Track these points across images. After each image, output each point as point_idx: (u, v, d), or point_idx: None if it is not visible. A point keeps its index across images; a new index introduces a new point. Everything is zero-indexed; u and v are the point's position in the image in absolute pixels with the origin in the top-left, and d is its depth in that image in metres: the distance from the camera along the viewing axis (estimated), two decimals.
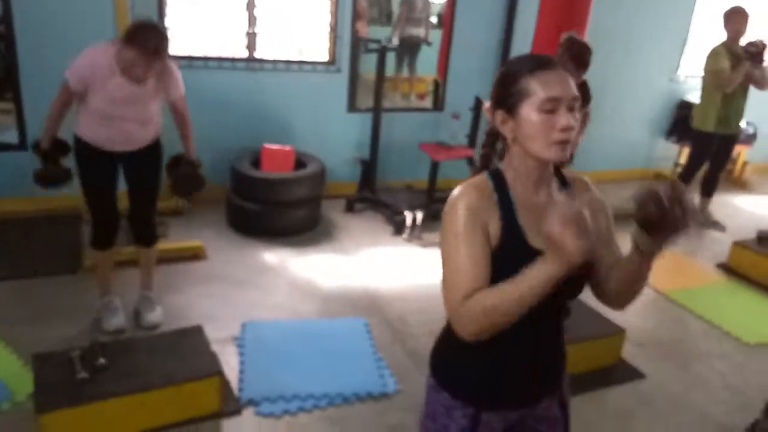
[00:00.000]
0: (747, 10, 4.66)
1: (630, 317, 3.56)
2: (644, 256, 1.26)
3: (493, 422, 1.43)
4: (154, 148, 3.03)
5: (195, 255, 3.93)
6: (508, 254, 1.29)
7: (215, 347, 2.80)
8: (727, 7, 4.73)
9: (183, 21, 4.46)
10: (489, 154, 1.45)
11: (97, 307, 3.15)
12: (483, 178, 1.37)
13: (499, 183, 1.35)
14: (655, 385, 3.10)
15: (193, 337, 2.75)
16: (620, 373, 3.14)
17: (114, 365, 2.43)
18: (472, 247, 1.27)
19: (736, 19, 4.64)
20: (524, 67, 1.31)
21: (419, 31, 6.51)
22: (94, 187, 2.96)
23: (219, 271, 3.80)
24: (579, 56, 3.30)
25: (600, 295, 1.43)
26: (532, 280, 1.18)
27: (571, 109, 1.27)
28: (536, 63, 1.30)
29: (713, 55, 4.70)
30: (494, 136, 1.43)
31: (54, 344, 2.86)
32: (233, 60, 4.61)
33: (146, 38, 2.61)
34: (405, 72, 6.85)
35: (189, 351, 2.64)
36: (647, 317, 3.72)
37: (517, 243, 1.30)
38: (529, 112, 1.28)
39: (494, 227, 1.31)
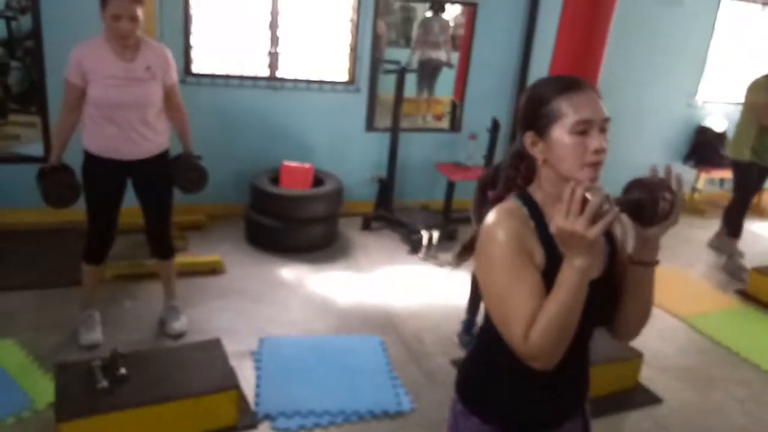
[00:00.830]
0: None
1: (648, 341, 3.53)
2: (641, 261, 1.30)
3: None
4: (163, 160, 3.03)
5: (213, 269, 3.97)
6: (553, 282, 1.23)
7: (232, 361, 2.82)
8: (751, 36, 4.68)
9: (207, 40, 4.56)
10: (515, 176, 1.41)
11: (78, 320, 3.15)
12: (516, 204, 1.33)
13: (534, 209, 1.32)
14: (673, 410, 3.07)
15: (212, 350, 2.77)
16: (637, 397, 3.11)
17: (134, 376, 2.46)
18: (525, 279, 1.24)
19: None
20: (554, 88, 1.29)
21: (439, 54, 6.58)
22: (97, 200, 2.94)
23: (237, 286, 3.83)
24: None
25: (613, 326, 1.44)
26: (567, 286, 1.19)
27: (602, 131, 1.26)
28: (566, 84, 1.28)
29: (753, 87, 4.63)
30: (520, 157, 1.39)
31: (70, 353, 2.92)
32: (255, 78, 4.70)
33: None
34: (425, 94, 6.92)
35: (207, 364, 2.66)
36: (665, 342, 3.69)
37: (558, 270, 1.24)
38: (561, 134, 1.26)
39: (538, 255, 1.28)
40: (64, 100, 2.85)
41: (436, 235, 4.57)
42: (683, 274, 4.68)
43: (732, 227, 4.91)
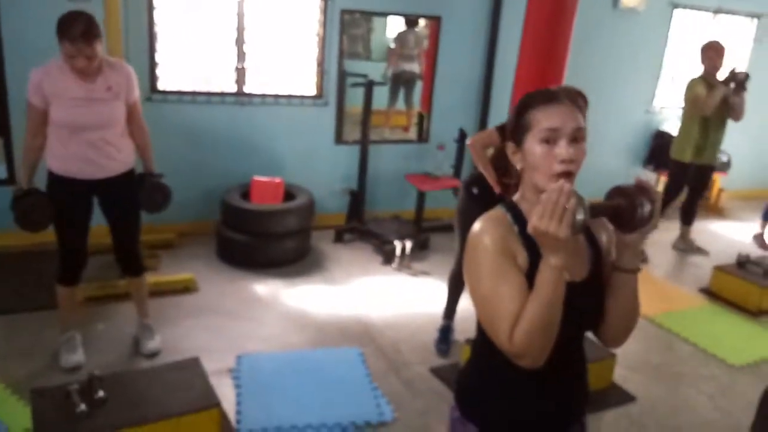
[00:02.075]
0: (722, 44, 4.86)
1: None
2: (622, 267, 1.36)
3: None
4: (130, 178, 3.01)
5: (186, 287, 3.93)
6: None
7: (211, 379, 2.78)
8: (704, 42, 4.92)
9: (173, 56, 4.53)
10: (509, 185, 1.46)
11: (59, 343, 3.10)
12: (500, 211, 1.39)
13: (517, 215, 1.37)
14: (646, 408, 3.16)
15: (190, 369, 2.74)
16: (612, 396, 3.19)
17: (112, 398, 2.42)
18: (509, 280, 1.29)
19: (711, 54, 4.83)
20: (533, 100, 1.34)
21: (413, 66, 6.67)
22: (65, 222, 2.90)
23: (211, 304, 3.80)
24: None
25: (599, 332, 1.48)
26: (545, 284, 1.23)
27: (575, 140, 1.30)
28: (545, 96, 1.33)
29: (690, 86, 4.87)
30: (513, 168, 1.45)
31: (45, 379, 2.86)
32: (222, 94, 4.68)
33: (71, 26, 2.60)
34: (401, 106, 7.01)
35: (186, 383, 2.63)
36: (635, 341, 3.77)
37: None
38: (532, 143, 1.32)
39: (521, 259, 1.32)
40: (28, 123, 2.81)
41: (408, 244, 4.61)
42: (648, 275, 4.81)
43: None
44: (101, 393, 2.40)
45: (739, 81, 4.73)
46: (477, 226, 1.36)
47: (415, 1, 5.12)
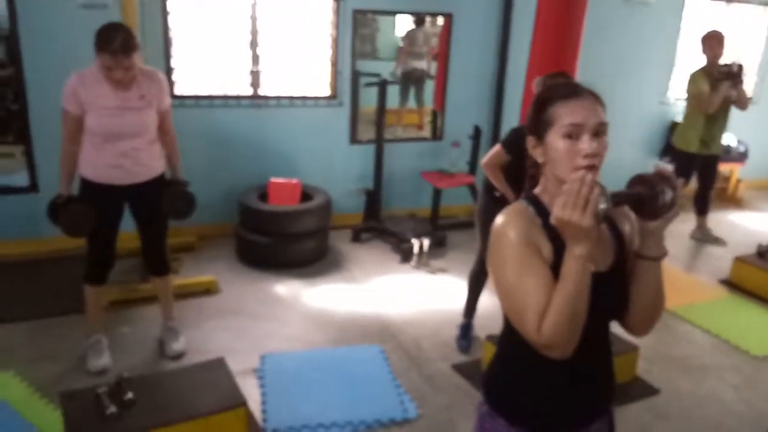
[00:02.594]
0: (723, 33, 4.83)
1: None
2: (645, 255, 1.36)
3: None
4: (159, 183, 3.08)
5: (208, 289, 3.97)
6: None
7: (236, 380, 2.83)
8: (705, 32, 4.89)
9: (188, 61, 4.58)
10: (536, 174, 1.46)
11: (85, 347, 3.15)
12: (522, 204, 1.40)
13: (539, 208, 1.38)
14: (670, 400, 3.15)
15: (216, 369, 2.78)
16: (636, 389, 3.19)
17: (141, 400, 2.46)
18: (535, 272, 1.30)
19: (712, 43, 4.80)
20: (554, 94, 1.35)
21: (422, 64, 6.68)
22: (97, 227, 2.95)
23: (233, 305, 3.84)
24: None
25: (625, 321, 1.48)
26: (570, 275, 1.24)
27: (597, 135, 1.31)
28: (566, 91, 1.35)
29: (693, 79, 4.85)
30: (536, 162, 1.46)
31: (72, 382, 2.91)
32: (238, 98, 4.72)
33: (110, 38, 2.65)
34: (412, 104, 7.02)
35: (213, 383, 2.67)
36: (657, 333, 3.77)
37: None
38: (555, 138, 1.33)
39: (546, 250, 1.34)
40: (64, 130, 2.88)
41: (426, 242, 4.62)
42: (667, 267, 4.76)
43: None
44: (130, 395, 2.45)
45: (734, 74, 4.70)
46: (500, 219, 1.37)
47: None
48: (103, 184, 2.93)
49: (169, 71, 4.46)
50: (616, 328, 1.50)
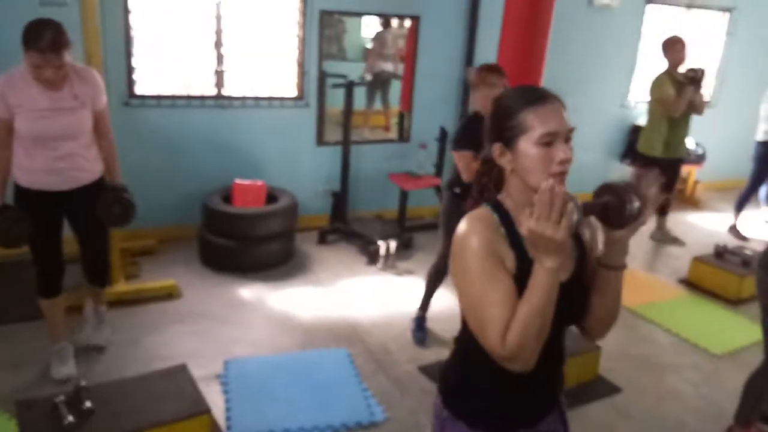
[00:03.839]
0: (684, 38, 4.95)
1: None
2: (609, 264, 1.38)
3: None
4: (98, 186, 2.92)
5: (169, 294, 3.89)
6: (524, 286, 1.28)
7: (199, 386, 2.77)
8: (666, 37, 5.00)
9: (150, 61, 4.49)
10: (487, 183, 1.45)
11: (50, 354, 3.06)
12: (486, 211, 1.37)
13: (503, 215, 1.36)
14: (632, 398, 3.21)
15: (178, 376, 2.72)
16: (598, 388, 3.23)
17: (100, 409, 2.39)
18: (498, 284, 1.28)
19: (676, 48, 4.91)
20: (521, 100, 1.33)
21: (389, 66, 6.68)
22: (37, 237, 2.82)
23: (196, 309, 3.77)
24: None
25: (583, 326, 1.51)
26: (539, 287, 1.23)
27: (567, 141, 1.31)
28: (533, 97, 1.33)
29: (657, 83, 4.95)
30: (490, 165, 1.44)
31: (33, 391, 2.81)
32: (202, 98, 4.64)
33: (39, 35, 2.50)
34: (379, 106, 7.01)
35: (175, 391, 2.61)
36: (618, 333, 3.84)
37: (529, 273, 1.28)
38: (528, 146, 1.30)
39: (509, 261, 1.32)
40: None
41: (393, 244, 4.62)
42: (628, 267, 4.86)
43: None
44: (88, 404, 2.38)
45: (698, 79, 4.82)
46: (463, 226, 1.34)
47: (394, 1, 5.12)
48: (39, 191, 2.78)
49: (130, 70, 4.36)
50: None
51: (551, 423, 1.55)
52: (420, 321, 3.61)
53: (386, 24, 6.58)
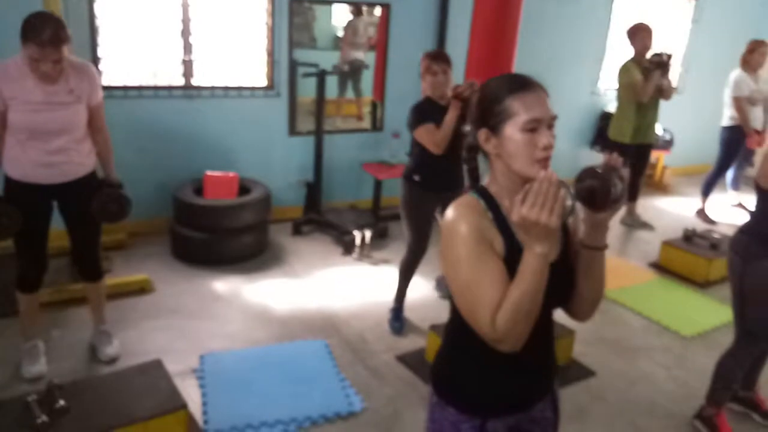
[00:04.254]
0: (650, 25, 5.01)
1: None
2: (592, 245, 1.40)
3: (498, 429, 1.48)
4: (90, 180, 2.91)
5: (142, 288, 3.82)
6: (514, 270, 1.31)
7: (174, 381, 2.74)
8: (632, 24, 5.06)
9: (116, 50, 4.38)
10: (476, 167, 1.49)
11: (21, 352, 2.99)
12: (472, 198, 1.40)
13: (490, 201, 1.39)
14: (606, 381, 3.26)
15: (153, 371, 2.68)
16: (573, 372, 3.28)
17: (74, 407, 2.34)
18: (489, 267, 1.30)
19: (642, 35, 4.97)
20: (506, 87, 1.36)
21: (360, 55, 6.64)
22: (25, 230, 2.77)
23: (169, 304, 3.71)
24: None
25: (569, 308, 1.54)
26: (530, 272, 1.25)
27: (550, 127, 1.35)
28: (518, 84, 1.36)
29: (624, 69, 5.01)
30: (475, 150, 1.47)
31: (4, 391, 2.75)
32: (170, 88, 4.55)
33: (39, 28, 2.48)
34: (350, 94, 6.96)
35: (150, 386, 2.57)
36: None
37: (520, 258, 1.30)
38: (513, 131, 1.33)
39: (498, 245, 1.35)
40: None
41: (368, 234, 4.61)
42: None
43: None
44: (62, 402, 2.32)
45: (664, 63, 4.89)
46: (451, 213, 1.37)
47: None
48: (30, 184, 2.75)
49: (95, 61, 4.25)
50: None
51: (543, 410, 1.56)
52: (397, 312, 3.62)
53: (356, 12, 6.52)
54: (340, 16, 7.21)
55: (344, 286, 4.10)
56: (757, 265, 2.58)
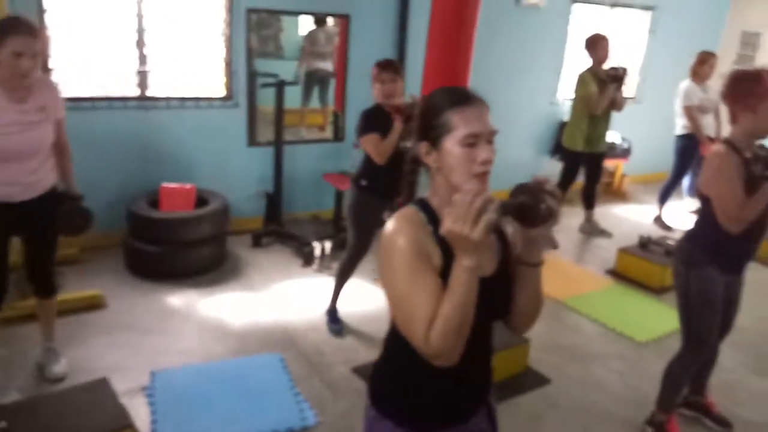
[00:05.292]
0: (607, 36, 5.12)
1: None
2: (527, 261, 1.41)
3: None
4: (53, 193, 2.86)
5: (93, 304, 3.74)
6: None
7: (123, 400, 2.68)
8: (590, 35, 5.16)
9: (68, 62, 4.29)
10: (414, 180, 1.49)
11: None
12: (413, 210, 1.40)
13: (430, 214, 1.39)
14: (561, 388, 3.29)
15: (99, 390, 2.62)
16: (528, 380, 3.30)
17: (17, 428, 2.28)
18: (424, 281, 1.30)
19: (599, 45, 5.08)
20: (447, 101, 1.36)
21: (326, 65, 6.62)
22: None
23: (122, 320, 3.64)
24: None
25: (508, 321, 1.54)
26: (458, 285, 1.25)
27: (489, 142, 1.35)
28: (458, 98, 1.36)
29: (581, 81, 5.11)
30: (416, 163, 1.48)
31: None
32: (124, 99, 4.48)
33: (17, 23, 2.52)
34: (316, 104, 6.95)
35: (95, 406, 2.52)
36: (547, 325, 3.94)
37: None
38: (452, 146, 1.34)
39: (436, 258, 1.34)
40: None
41: (328, 245, 4.59)
42: (557, 259, 5.01)
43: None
44: (3, 423, 2.26)
45: (619, 77, 4.99)
46: (390, 225, 1.36)
47: (323, 0, 5.08)
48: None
49: (45, 72, 4.16)
50: None
51: (480, 422, 1.57)
52: (333, 314, 3.69)
53: (318, 22, 6.52)
54: (307, 26, 7.20)
55: (303, 298, 4.07)
56: (701, 272, 2.64)
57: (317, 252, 4.57)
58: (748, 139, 2.51)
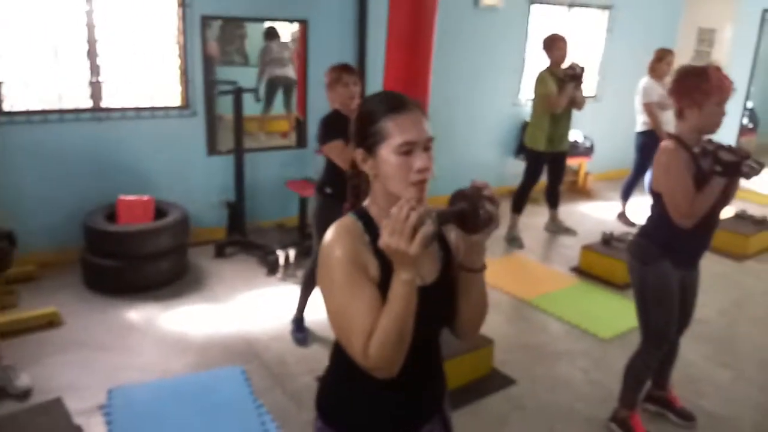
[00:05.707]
0: (565, 36, 5.17)
1: (497, 327, 3.78)
2: (469, 267, 1.39)
3: None
4: None
5: (50, 322, 3.63)
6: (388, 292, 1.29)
7: (79, 420, 2.61)
8: (548, 35, 5.20)
9: (17, 74, 4.18)
10: (358, 185, 1.46)
11: None
12: (351, 220, 1.37)
13: (368, 223, 1.37)
14: (526, 388, 3.29)
15: (53, 411, 2.57)
16: (493, 382, 3.30)
17: None
18: (362, 293, 1.28)
19: (557, 45, 5.11)
20: (382, 107, 1.33)
21: (286, 71, 6.56)
22: None
23: (78, 337, 3.54)
24: None
25: (453, 327, 1.51)
26: (397, 298, 1.23)
27: (426, 150, 1.32)
28: (393, 104, 1.33)
29: (540, 80, 5.14)
30: (357, 169, 1.45)
31: None
32: (77, 111, 4.37)
33: None
34: (279, 110, 6.89)
35: (49, 427, 2.45)
36: (512, 325, 3.95)
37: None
38: (387, 153, 1.31)
39: (373, 269, 1.32)
40: None
41: (292, 253, 4.54)
42: (523, 259, 5.03)
43: (517, 205, 5.39)
44: None
45: (577, 75, 5.04)
46: (329, 236, 1.34)
47: (280, 6, 5.04)
48: None
49: None
50: None
51: (432, 430, 1.54)
52: (299, 323, 3.66)
53: (270, 35, 6.47)
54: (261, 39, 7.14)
55: (267, 308, 4.01)
56: (656, 267, 2.66)
57: (282, 260, 4.51)
58: (696, 135, 2.54)
